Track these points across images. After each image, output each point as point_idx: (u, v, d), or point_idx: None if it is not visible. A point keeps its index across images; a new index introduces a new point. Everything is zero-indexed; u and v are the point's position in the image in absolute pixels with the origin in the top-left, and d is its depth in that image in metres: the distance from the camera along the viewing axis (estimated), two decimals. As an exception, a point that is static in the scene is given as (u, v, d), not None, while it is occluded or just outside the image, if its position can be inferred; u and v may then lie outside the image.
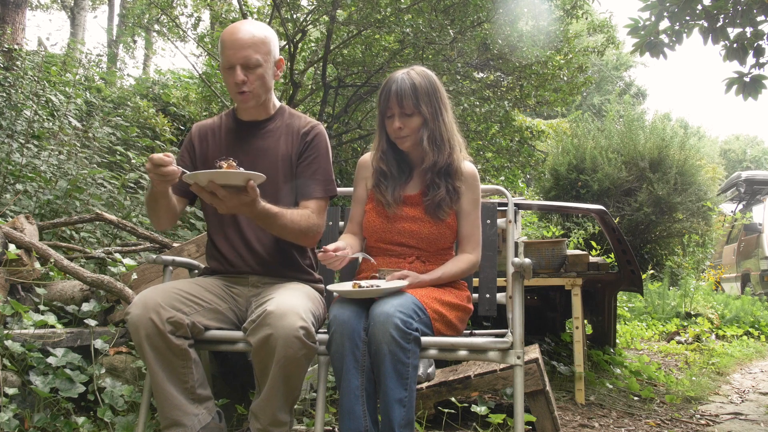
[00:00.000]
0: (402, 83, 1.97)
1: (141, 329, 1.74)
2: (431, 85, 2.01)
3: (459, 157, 2.06)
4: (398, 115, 1.98)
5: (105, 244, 3.63)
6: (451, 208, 2.03)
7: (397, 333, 1.67)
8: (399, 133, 2.00)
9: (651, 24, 3.52)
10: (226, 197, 1.68)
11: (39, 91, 4.67)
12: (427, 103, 1.98)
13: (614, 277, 3.88)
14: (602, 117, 15.97)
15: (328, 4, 5.36)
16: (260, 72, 1.93)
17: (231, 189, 1.68)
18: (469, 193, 2.05)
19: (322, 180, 2.00)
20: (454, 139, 2.06)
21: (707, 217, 9.50)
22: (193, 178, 1.67)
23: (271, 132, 2.05)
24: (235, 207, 1.72)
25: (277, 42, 2.02)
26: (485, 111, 5.98)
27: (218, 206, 1.73)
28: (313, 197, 1.98)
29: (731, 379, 4.60)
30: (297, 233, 1.90)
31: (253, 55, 1.91)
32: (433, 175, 2.02)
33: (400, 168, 2.08)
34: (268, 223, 1.83)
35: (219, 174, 1.65)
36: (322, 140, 2.05)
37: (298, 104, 6.38)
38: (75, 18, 12.82)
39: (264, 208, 1.78)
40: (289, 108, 2.13)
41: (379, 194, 2.05)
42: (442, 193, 2.00)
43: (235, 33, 1.92)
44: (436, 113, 2.01)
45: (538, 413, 2.59)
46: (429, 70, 2.08)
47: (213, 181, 1.66)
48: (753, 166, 28.34)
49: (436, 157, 2.00)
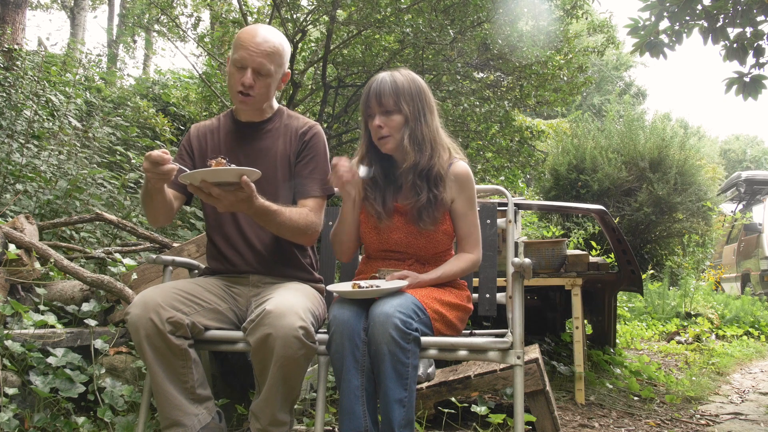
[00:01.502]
0: (382, 82, 1.95)
1: (141, 329, 1.74)
2: (415, 85, 1.97)
3: (443, 162, 1.99)
4: (378, 113, 1.94)
5: (105, 244, 3.63)
6: (433, 217, 1.96)
7: (396, 333, 1.67)
8: (380, 132, 1.95)
9: (651, 24, 3.52)
10: (221, 195, 1.68)
11: (39, 91, 4.67)
12: (408, 102, 1.94)
13: (614, 277, 3.88)
14: (602, 117, 15.98)
15: (328, 4, 5.35)
16: (269, 81, 1.96)
17: (225, 186, 1.68)
18: (463, 193, 2.01)
19: (319, 179, 2.01)
20: (437, 143, 2.00)
21: (707, 217, 9.50)
22: (188, 178, 1.67)
23: (269, 133, 2.06)
24: (232, 204, 1.72)
25: (289, 55, 2.03)
26: (485, 111, 5.97)
27: (216, 205, 1.73)
28: (310, 196, 1.98)
29: (731, 379, 4.60)
30: (295, 231, 1.90)
31: (268, 64, 1.92)
32: (414, 176, 1.96)
33: (386, 175, 2.03)
34: (267, 220, 1.83)
35: (210, 172, 1.64)
36: (320, 140, 2.05)
37: (298, 104, 6.38)
38: (75, 18, 12.83)
39: (262, 205, 1.77)
40: (287, 109, 2.14)
41: (369, 207, 2.01)
42: (423, 200, 1.94)
43: (256, 36, 1.93)
44: (418, 113, 1.96)
45: (538, 413, 2.59)
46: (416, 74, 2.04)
47: (205, 180, 1.65)
48: (753, 166, 28.36)
49: (417, 158, 1.95)
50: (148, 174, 1.75)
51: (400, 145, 1.97)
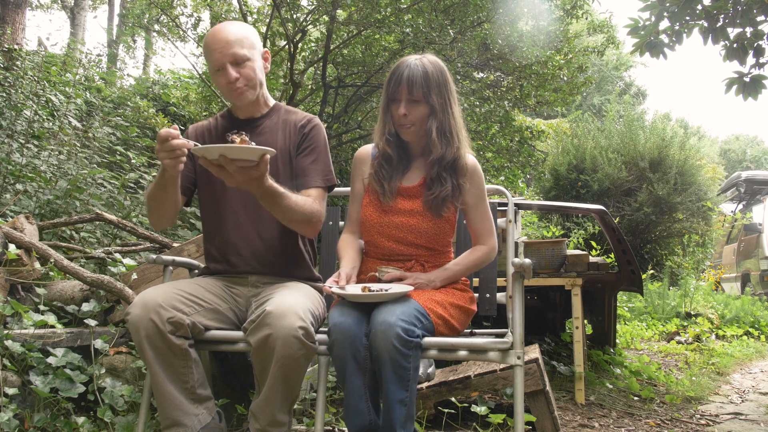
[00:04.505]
0: (414, 69, 1.92)
1: (141, 329, 1.74)
2: (442, 75, 1.97)
3: (465, 152, 2.01)
4: (405, 101, 1.93)
5: (105, 244, 3.63)
6: (453, 205, 1.99)
7: (398, 342, 1.66)
8: (403, 120, 1.94)
9: (651, 24, 3.52)
10: (236, 172, 1.67)
11: (39, 91, 4.67)
12: (437, 93, 1.94)
13: (614, 277, 3.88)
14: (602, 117, 15.97)
15: (328, 4, 5.35)
16: (250, 65, 1.96)
17: (242, 163, 1.67)
18: (473, 186, 2.00)
19: (321, 170, 2.01)
20: (461, 134, 2.01)
21: (707, 217, 9.50)
22: (205, 152, 1.66)
23: (268, 128, 2.06)
24: (245, 182, 1.71)
25: (257, 35, 2.04)
26: (485, 111, 5.98)
27: (227, 180, 1.71)
28: (312, 186, 1.98)
29: (731, 379, 4.60)
30: (301, 217, 1.89)
31: (239, 50, 1.93)
32: (440, 168, 1.96)
33: (400, 157, 2.03)
34: (274, 202, 1.82)
35: (230, 149, 1.64)
36: (320, 132, 2.06)
37: (298, 104, 6.38)
38: (75, 18, 12.83)
39: (271, 186, 1.77)
40: (284, 105, 2.14)
41: (377, 182, 2.00)
42: (447, 189, 1.95)
43: (216, 35, 1.95)
44: (445, 105, 1.96)
45: (538, 413, 2.59)
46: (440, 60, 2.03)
47: (225, 155, 1.64)
48: (753, 166, 28.35)
49: (444, 150, 1.95)
50: (162, 156, 1.71)
51: (421, 136, 1.97)
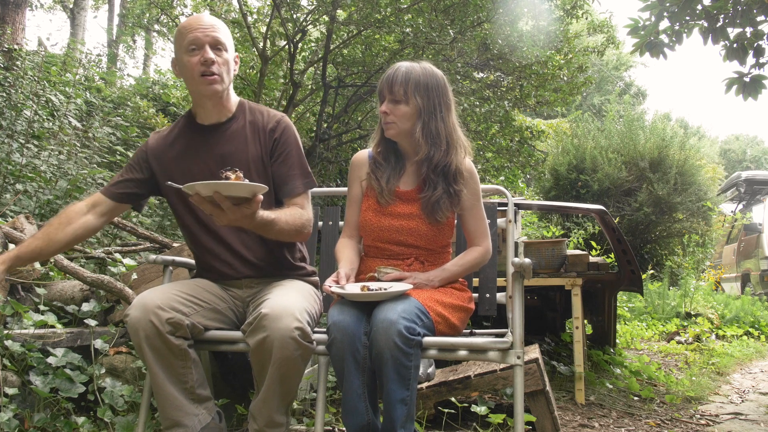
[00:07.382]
0: (398, 70, 1.97)
1: (140, 330, 1.74)
2: (433, 80, 1.98)
3: (460, 159, 2.01)
4: (387, 100, 1.98)
5: (105, 244, 3.64)
6: (451, 211, 2.00)
7: (400, 340, 1.66)
8: (385, 118, 1.99)
9: (651, 24, 3.52)
10: (230, 209, 1.64)
11: (39, 91, 4.67)
12: (422, 95, 1.95)
13: (614, 277, 3.88)
14: (602, 117, 15.97)
15: (328, 4, 5.36)
16: (226, 57, 1.93)
17: (235, 201, 1.64)
18: (467, 189, 2.02)
19: (299, 174, 1.98)
20: (454, 140, 2.01)
21: (707, 217, 9.50)
22: (194, 189, 1.61)
23: (235, 134, 1.99)
24: (236, 219, 1.68)
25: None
26: (485, 111, 5.98)
27: (219, 218, 1.67)
28: (296, 193, 1.97)
29: (731, 379, 4.60)
30: (293, 233, 1.89)
31: (222, 38, 1.92)
32: (429, 170, 1.98)
33: (393, 156, 2.06)
34: (266, 230, 1.81)
35: (225, 185, 1.59)
36: (291, 134, 2.01)
37: (298, 104, 6.38)
38: (75, 18, 12.83)
39: (262, 218, 1.74)
40: (248, 102, 2.07)
41: (374, 181, 2.03)
42: (439, 193, 1.97)
43: (198, 18, 1.94)
44: (433, 108, 1.97)
45: (538, 413, 2.59)
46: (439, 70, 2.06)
47: (219, 192, 1.60)
48: (753, 166, 28.35)
49: (431, 151, 1.96)
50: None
51: (406, 136, 2.00)
